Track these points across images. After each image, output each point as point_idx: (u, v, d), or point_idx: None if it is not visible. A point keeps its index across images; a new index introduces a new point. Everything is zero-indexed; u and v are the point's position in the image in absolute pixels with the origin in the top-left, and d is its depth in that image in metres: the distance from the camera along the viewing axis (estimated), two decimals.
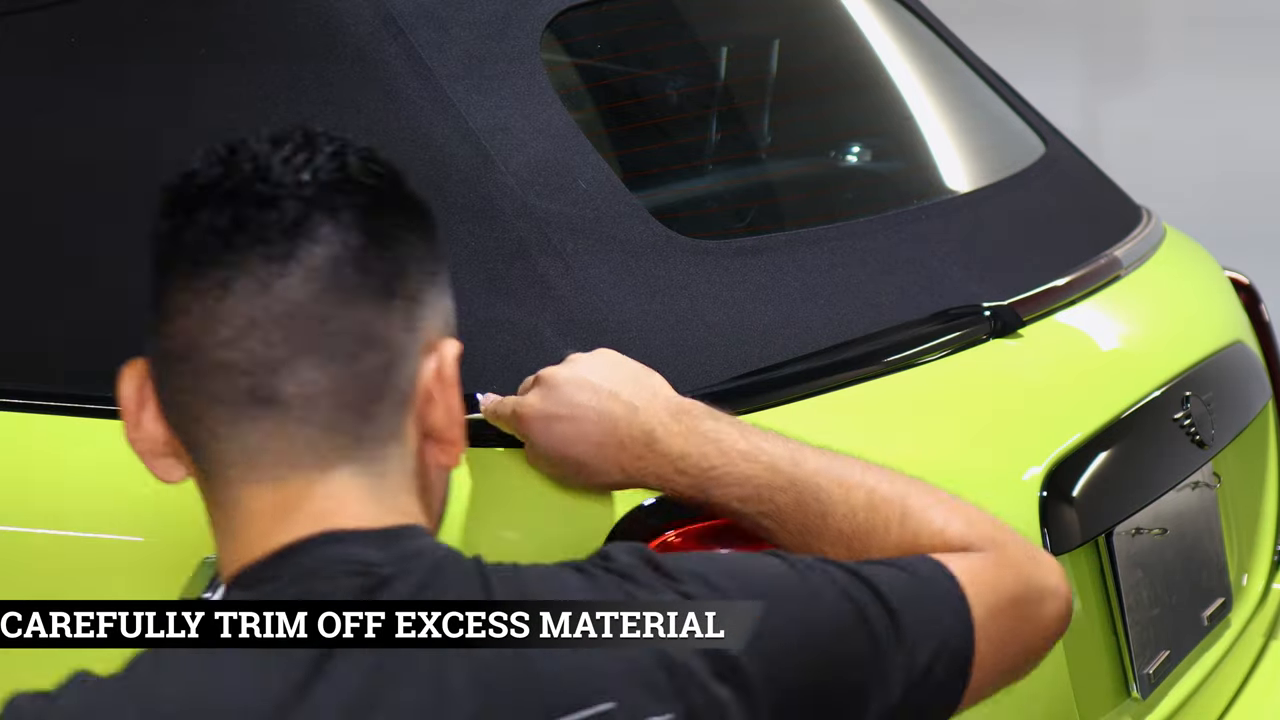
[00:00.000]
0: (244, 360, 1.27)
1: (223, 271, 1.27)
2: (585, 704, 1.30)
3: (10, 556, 1.78)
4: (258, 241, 1.27)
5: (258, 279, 1.27)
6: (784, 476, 1.54)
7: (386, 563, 1.33)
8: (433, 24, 1.83)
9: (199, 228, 1.28)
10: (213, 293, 1.27)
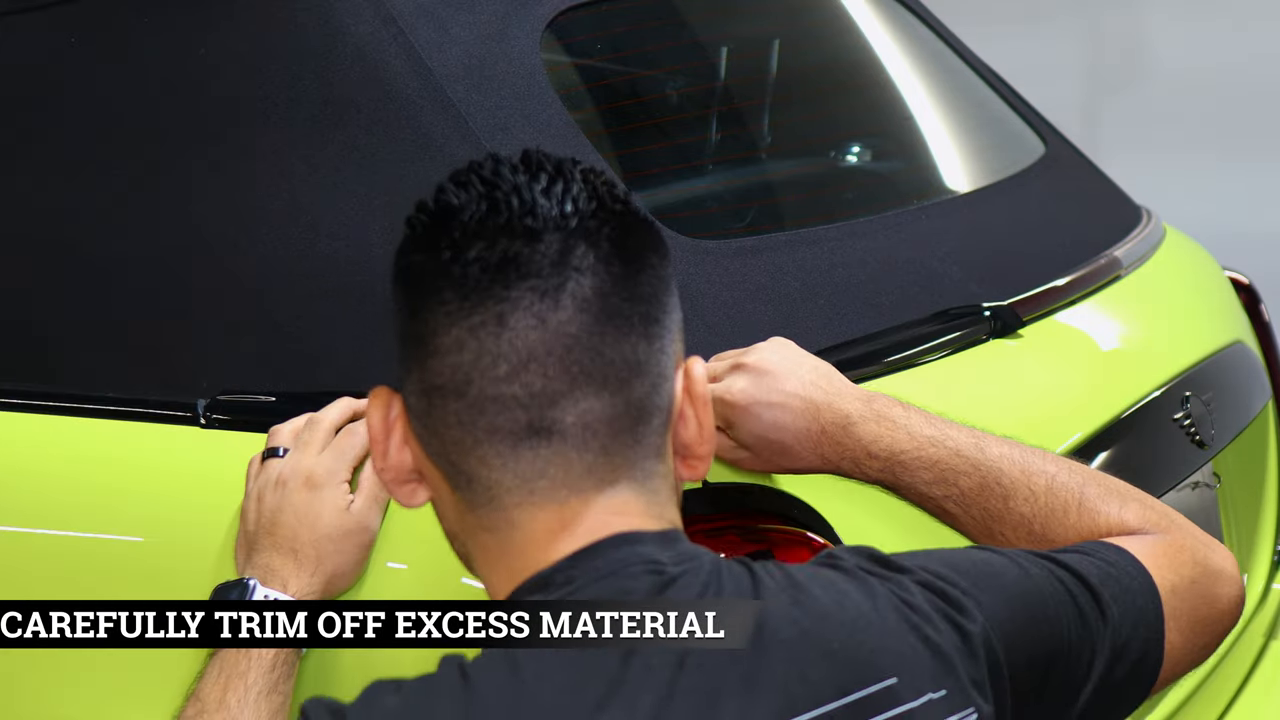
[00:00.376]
0: (522, 394, 1.29)
1: (496, 306, 1.28)
2: (872, 680, 1.32)
3: (10, 556, 1.78)
4: (530, 275, 1.29)
5: (533, 314, 1.28)
6: (968, 461, 1.59)
7: (672, 562, 1.34)
8: (433, 24, 1.83)
9: (468, 262, 1.29)
10: (488, 328, 1.28)
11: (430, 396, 1.31)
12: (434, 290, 1.30)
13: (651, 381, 1.32)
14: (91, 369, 1.83)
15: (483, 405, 1.29)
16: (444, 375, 1.30)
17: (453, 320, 1.29)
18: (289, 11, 1.82)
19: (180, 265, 1.81)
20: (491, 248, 1.29)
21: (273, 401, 1.72)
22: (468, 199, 1.31)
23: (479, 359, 1.29)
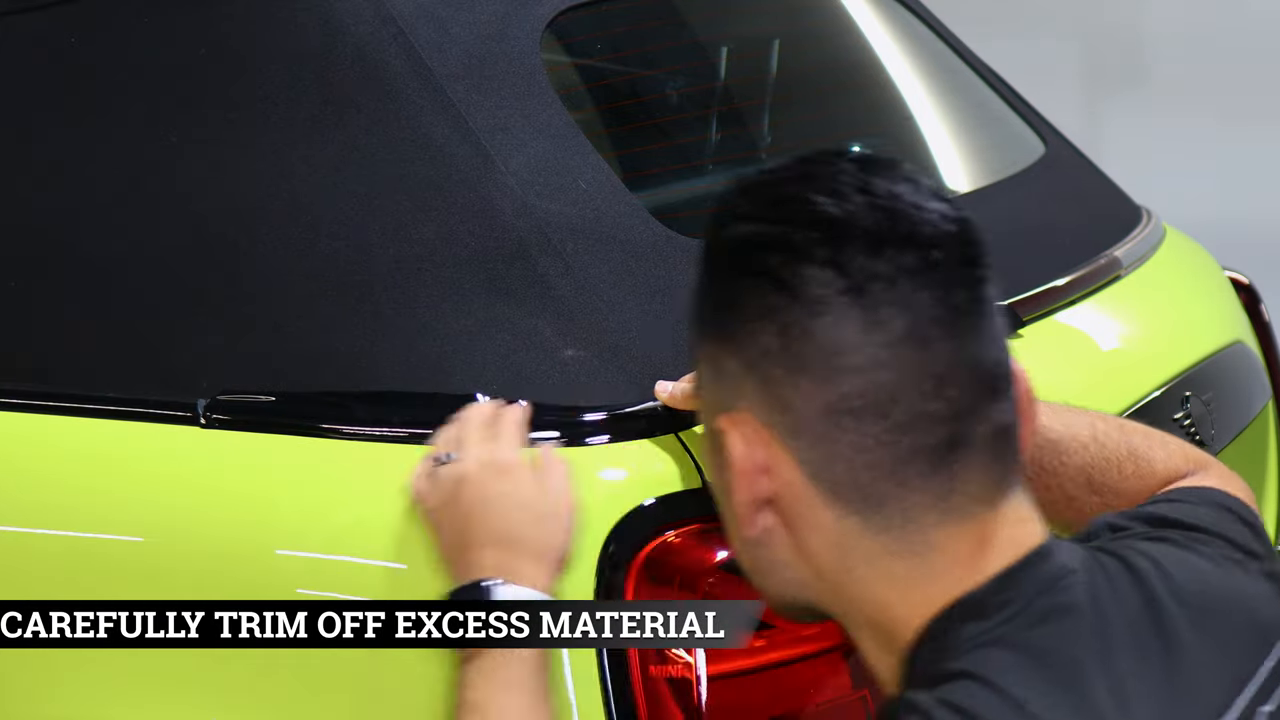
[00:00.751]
0: (945, 410, 1.26)
1: (910, 321, 1.25)
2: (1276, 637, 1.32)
3: (10, 556, 1.79)
4: (937, 287, 1.26)
5: (943, 325, 1.25)
6: None
7: (1080, 568, 1.31)
8: (433, 24, 1.83)
9: (876, 277, 1.25)
10: (908, 345, 1.25)
11: (839, 419, 1.26)
12: (833, 307, 1.25)
13: (1022, 385, 1.32)
14: (91, 369, 1.83)
15: (908, 425, 1.25)
16: (863, 396, 1.25)
17: (866, 338, 1.25)
18: (289, 11, 1.82)
19: (180, 265, 1.81)
20: (900, 257, 1.25)
21: (273, 401, 1.73)
22: (858, 211, 1.26)
23: (903, 376, 1.25)
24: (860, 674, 1.61)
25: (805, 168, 1.30)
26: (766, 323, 1.26)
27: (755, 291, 1.27)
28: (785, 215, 1.27)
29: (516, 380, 1.67)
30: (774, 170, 1.32)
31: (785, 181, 1.30)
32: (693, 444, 1.65)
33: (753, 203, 1.30)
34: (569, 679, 1.56)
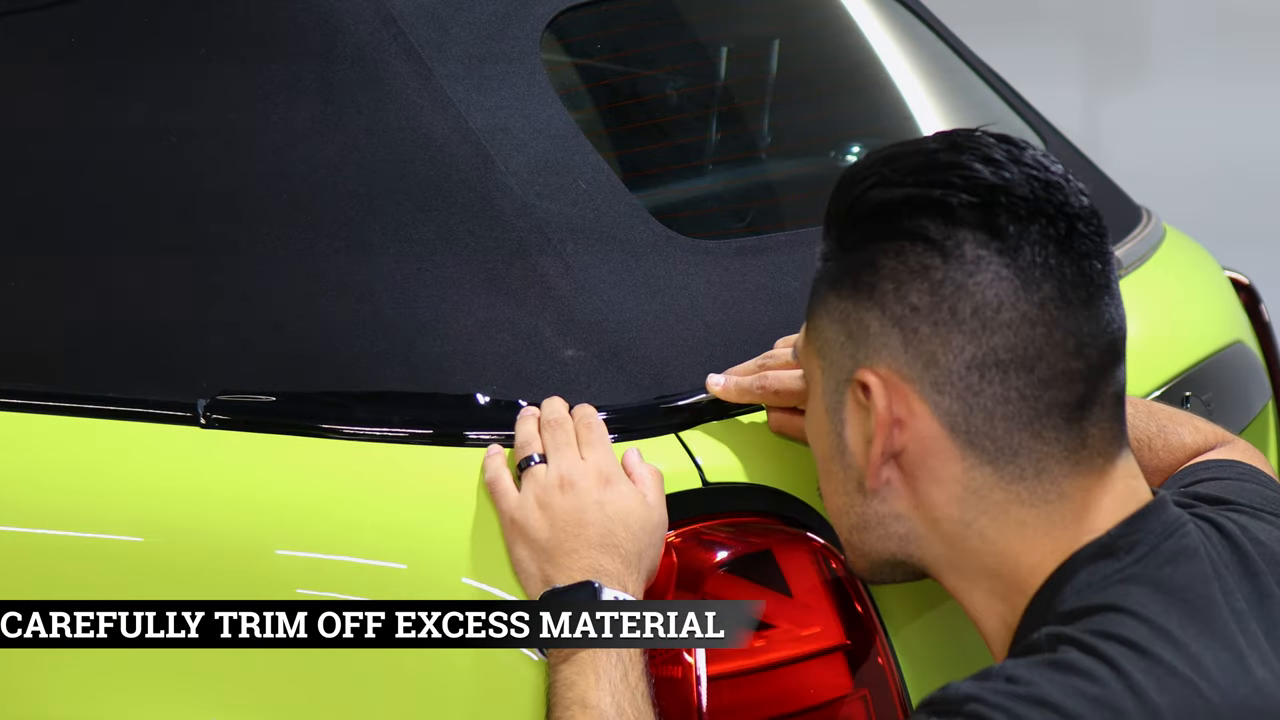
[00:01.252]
0: (1083, 368, 1.37)
1: (1060, 283, 1.35)
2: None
3: (10, 556, 1.78)
4: (1088, 255, 1.37)
5: (1088, 289, 1.37)
6: None
7: (1188, 520, 1.42)
8: (433, 24, 1.83)
9: (1033, 240, 1.35)
10: (1056, 304, 1.35)
11: (985, 372, 1.35)
12: (988, 267, 1.35)
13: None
14: (91, 369, 1.83)
15: (1050, 380, 1.35)
16: (1011, 350, 1.35)
17: (1018, 297, 1.35)
18: (289, 11, 1.82)
19: (180, 265, 1.81)
20: (1051, 225, 1.36)
21: (273, 401, 1.72)
22: (1017, 178, 1.36)
23: (1050, 334, 1.35)
24: (860, 674, 1.61)
25: (952, 138, 1.41)
26: (919, 280, 1.36)
27: (906, 252, 1.37)
28: (941, 180, 1.37)
29: (516, 380, 1.67)
30: (915, 142, 1.43)
31: (936, 151, 1.39)
32: (693, 444, 1.65)
33: (901, 170, 1.40)
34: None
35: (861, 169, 1.43)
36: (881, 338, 1.38)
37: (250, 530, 1.70)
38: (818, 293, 1.45)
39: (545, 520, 1.54)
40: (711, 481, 1.63)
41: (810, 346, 1.46)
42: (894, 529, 1.43)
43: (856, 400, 1.41)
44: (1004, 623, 1.40)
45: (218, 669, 1.66)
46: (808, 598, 1.60)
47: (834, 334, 1.42)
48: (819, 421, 1.47)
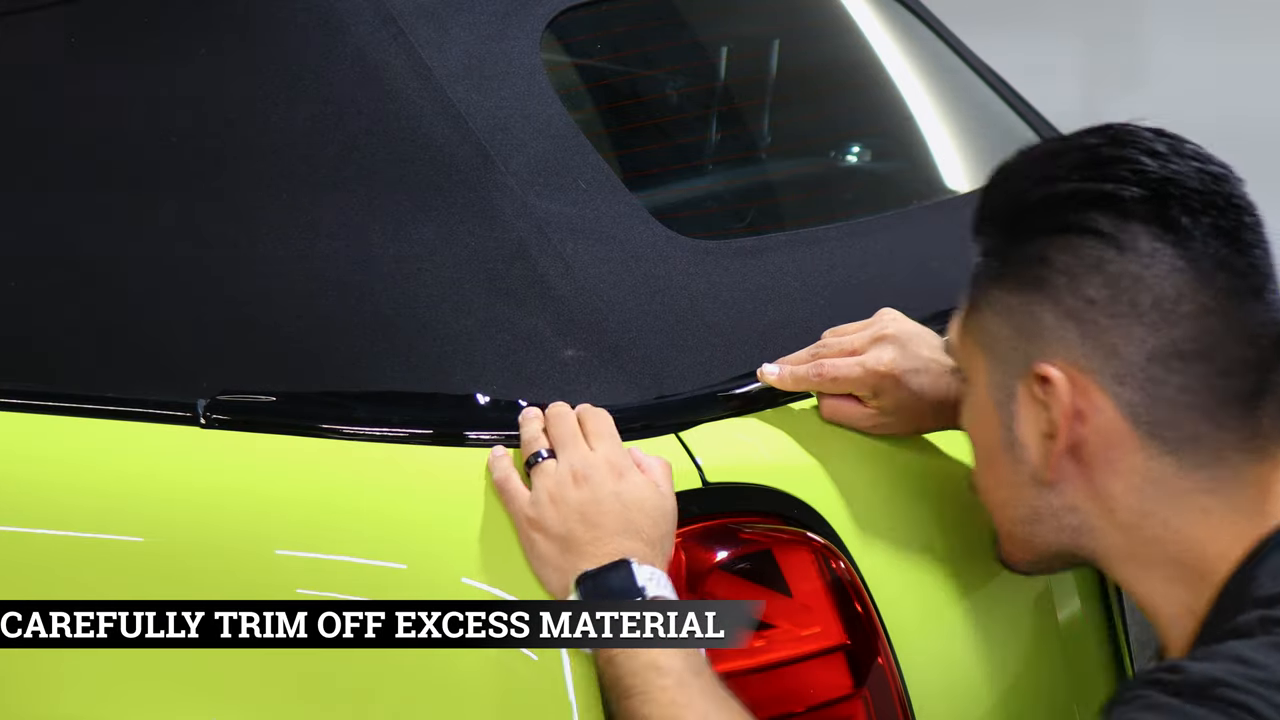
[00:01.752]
0: (1256, 357, 1.39)
1: (1234, 275, 1.39)
2: None
3: (11, 556, 1.78)
4: (1255, 246, 1.40)
5: (1251, 283, 1.40)
6: None
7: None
8: (433, 24, 1.83)
9: (1207, 232, 1.39)
10: (1233, 296, 1.39)
11: (1168, 362, 1.38)
12: (1164, 260, 1.38)
13: None
14: (91, 369, 1.83)
15: (1228, 370, 1.38)
16: (1193, 341, 1.38)
17: (1196, 289, 1.38)
18: (289, 11, 1.82)
19: (180, 265, 1.81)
20: (1222, 217, 1.39)
21: (273, 401, 1.72)
22: (1185, 170, 1.39)
23: (1227, 325, 1.38)
24: (860, 674, 1.61)
25: (1110, 132, 1.43)
26: (1094, 274, 1.39)
27: (1078, 246, 1.40)
28: (1110, 175, 1.39)
29: (516, 380, 1.67)
30: (1071, 138, 1.46)
31: (1098, 146, 1.42)
32: (693, 444, 1.65)
33: (1066, 167, 1.43)
34: (569, 679, 1.56)
35: (1021, 167, 1.48)
36: (1057, 331, 1.40)
37: (250, 530, 1.70)
38: (979, 288, 1.48)
39: (562, 515, 1.54)
40: (711, 481, 1.63)
41: (970, 341, 1.49)
42: (1067, 521, 1.45)
43: (1031, 394, 1.43)
44: (1188, 609, 1.42)
45: (218, 669, 1.66)
46: (808, 598, 1.60)
47: (1000, 329, 1.45)
48: (984, 414, 1.49)
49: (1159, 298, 1.38)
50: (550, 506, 1.54)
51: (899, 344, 1.67)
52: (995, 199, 1.49)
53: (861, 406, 1.68)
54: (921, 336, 1.68)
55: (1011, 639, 1.79)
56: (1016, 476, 1.47)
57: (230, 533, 1.70)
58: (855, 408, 1.68)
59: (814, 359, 1.69)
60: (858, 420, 1.69)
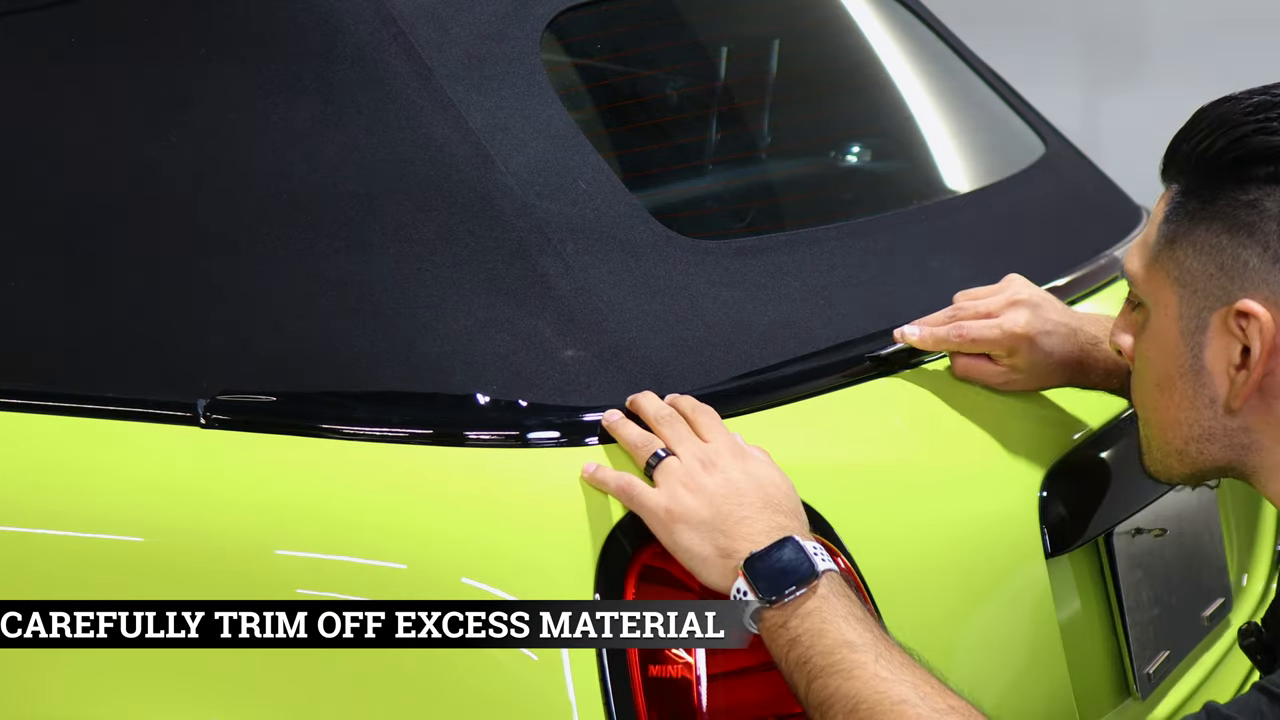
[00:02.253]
0: None
1: None
2: None
3: (11, 556, 1.78)
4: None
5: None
6: None
7: None
8: (433, 24, 1.83)
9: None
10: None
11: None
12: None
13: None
14: (91, 369, 1.83)
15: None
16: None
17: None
18: (289, 11, 1.82)
19: (180, 265, 1.81)
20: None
21: (273, 401, 1.72)
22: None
23: None
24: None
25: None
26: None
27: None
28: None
29: (516, 380, 1.67)
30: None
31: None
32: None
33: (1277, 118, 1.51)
34: (569, 679, 1.56)
35: (1237, 115, 1.53)
36: (1261, 272, 1.50)
37: (250, 530, 1.70)
38: (1177, 225, 1.56)
39: (702, 501, 1.55)
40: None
41: (1161, 274, 1.57)
42: (1239, 440, 1.56)
43: (1225, 326, 1.53)
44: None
45: (218, 669, 1.66)
46: None
47: (1201, 266, 1.54)
48: (1167, 342, 1.58)
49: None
50: (689, 496, 1.55)
51: (1032, 307, 1.82)
52: (1198, 143, 1.55)
53: (995, 365, 1.84)
54: (1050, 301, 1.85)
55: (1011, 639, 1.79)
56: (1196, 399, 1.56)
57: (230, 533, 1.70)
58: (989, 366, 1.84)
59: (952, 320, 1.83)
60: (991, 377, 1.84)
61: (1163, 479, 1.66)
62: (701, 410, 1.63)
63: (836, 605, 1.50)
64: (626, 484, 1.58)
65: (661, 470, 1.57)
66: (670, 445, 1.59)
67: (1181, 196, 1.56)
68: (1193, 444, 1.58)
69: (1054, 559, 1.82)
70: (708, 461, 1.57)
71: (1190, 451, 1.59)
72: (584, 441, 1.64)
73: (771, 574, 1.50)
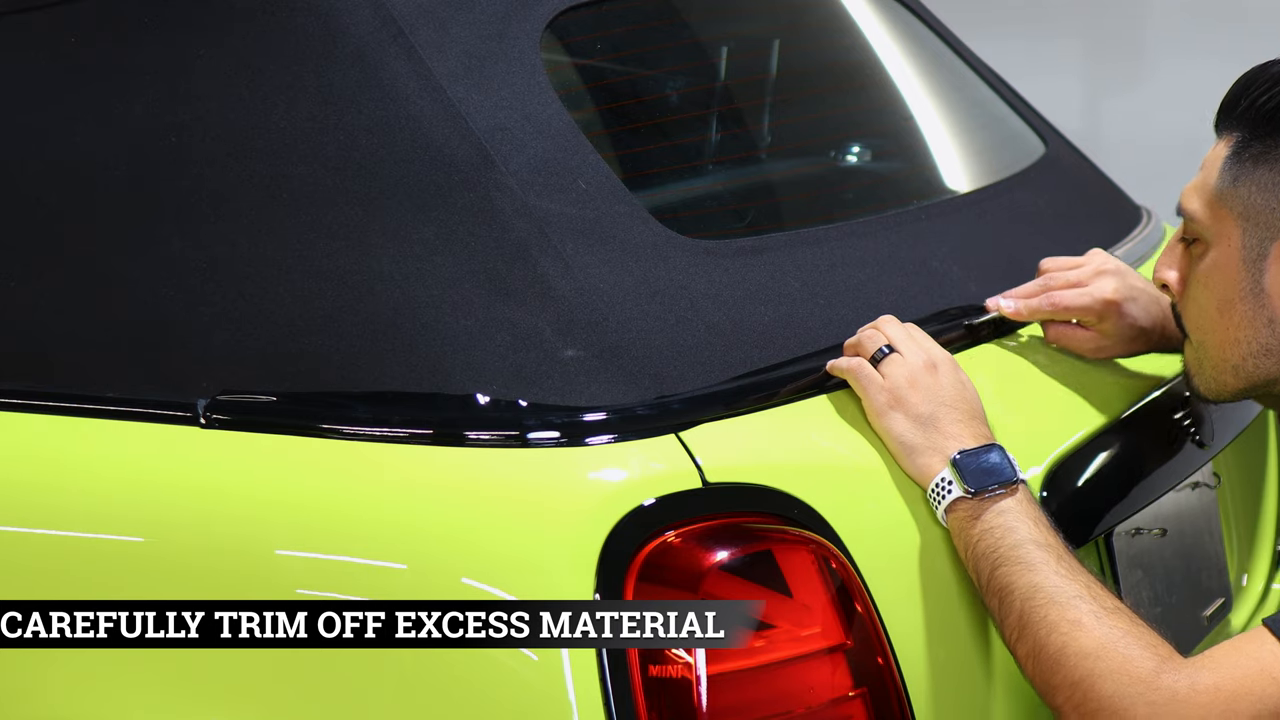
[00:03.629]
0: None
1: None
2: None
3: (11, 556, 1.79)
4: None
5: None
6: None
7: None
8: (433, 24, 1.83)
9: None
10: None
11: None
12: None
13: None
14: (92, 369, 1.83)
15: None
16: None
17: None
18: (289, 11, 1.82)
19: (180, 265, 1.81)
20: None
21: (273, 401, 1.73)
22: None
23: None
24: (860, 674, 1.61)
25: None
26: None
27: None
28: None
29: (516, 380, 1.67)
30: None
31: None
32: (693, 444, 1.65)
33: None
34: (569, 679, 1.56)
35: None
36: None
37: (250, 530, 1.70)
38: (1239, 168, 1.75)
39: (921, 397, 1.73)
40: (711, 481, 1.63)
41: (1224, 211, 1.76)
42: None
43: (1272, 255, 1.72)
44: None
45: (218, 669, 1.66)
46: (808, 598, 1.61)
47: (1265, 201, 1.73)
48: (1229, 269, 1.76)
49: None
50: (910, 389, 1.73)
51: (1118, 275, 1.95)
52: (1260, 98, 1.74)
53: (1086, 331, 1.95)
54: (1131, 270, 1.98)
55: None
56: (1256, 319, 1.75)
57: (230, 533, 1.70)
58: (1081, 332, 1.96)
59: (1044, 291, 1.94)
60: (1083, 343, 1.96)
61: (1212, 397, 1.84)
62: (915, 328, 1.80)
63: (1028, 508, 1.69)
64: (857, 364, 1.75)
65: (889, 362, 1.75)
66: (895, 344, 1.76)
67: (1241, 145, 1.75)
68: (1250, 359, 1.77)
69: None
70: (930, 364, 1.75)
71: (1247, 366, 1.77)
72: (584, 441, 1.65)
73: (978, 470, 1.69)
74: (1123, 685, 1.59)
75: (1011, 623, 1.64)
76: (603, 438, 1.65)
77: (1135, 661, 1.59)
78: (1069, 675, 1.60)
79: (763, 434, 1.71)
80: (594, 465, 1.64)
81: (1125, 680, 1.59)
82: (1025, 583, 1.64)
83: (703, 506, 1.62)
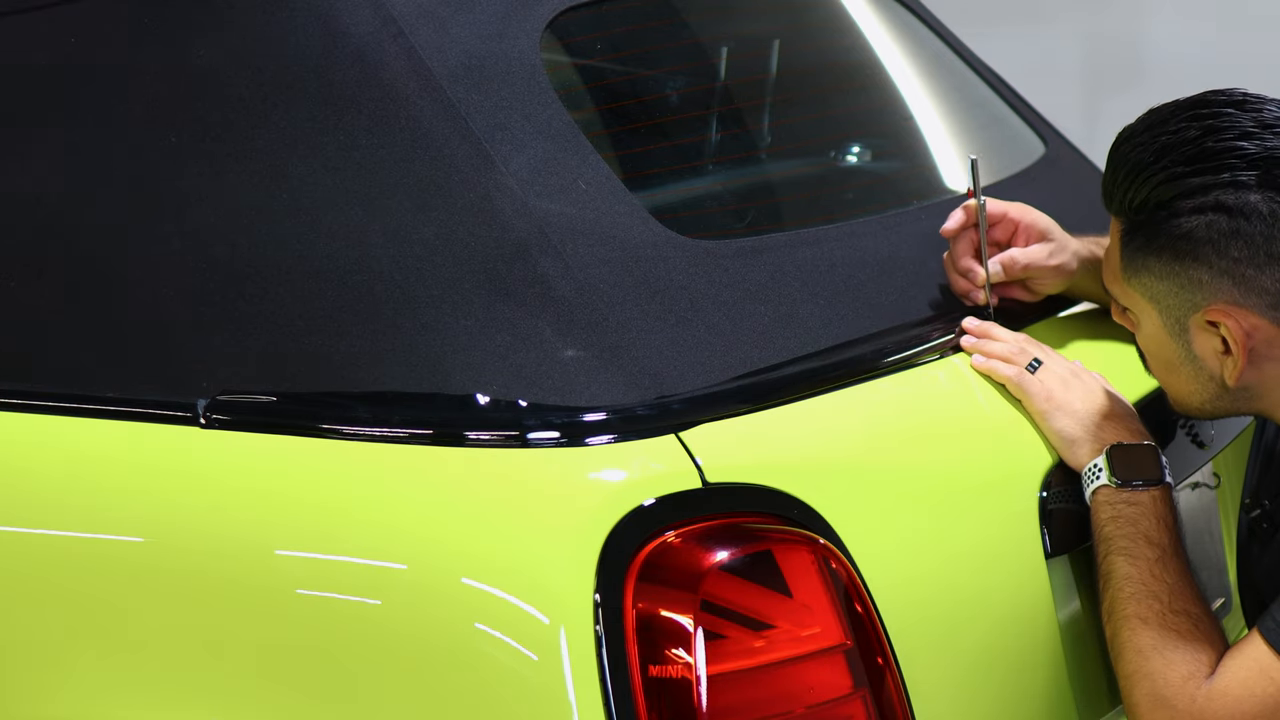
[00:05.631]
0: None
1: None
2: None
3: (11, 556, 1.79)
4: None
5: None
6: None
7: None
8: (433, 24, 1.83)
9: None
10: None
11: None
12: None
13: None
14: (92, 369, 1.83)
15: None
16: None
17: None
18: (289, 11, 1.82)
19: (180, 265, 1.81)
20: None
21: (273, 401, 1.73)
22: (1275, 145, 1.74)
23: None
24: (860, 674, 1.61)
25: (1206, 122, 1.77)
26: (1233, 241, 1.73)
27: (1215, 223, 1.73)
28: (1223, 165, 1.73)
29: (516, 380, 1.67)
30: (1173, 126, 1.79)
31: (1201, 138, 1.76)
32: (693, 444, 1.65)
33: (1180, 160, 1.75)
34: (569, 679, 1.56)
35: (1145, 166, 1.77)
36: (1213, 284, 1.75)
37: (250, 530, 1.70)
38: (1134, 258, 1.80)
39: (1077, 396, 1.88)
40: (711, 481, 1.64)
41: (1136, 294, 1.82)
42: (1245, 395, 1.81)
43: (1202, 326, 1.78)
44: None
45: (218, 669, 1.67)
46: (808, 598, 1.61)
47: (1165, 288, 1.78)
48: (1160, 340, 1.83)
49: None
50: (1066, 392, 1.88)
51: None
52: (1124, 192, 1.79)
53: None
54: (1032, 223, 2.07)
55: (1011, 639, 1.79)
56: (1199, 377, 1.81)
57: (230, 533, 1.70)
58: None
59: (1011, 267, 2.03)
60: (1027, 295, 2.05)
61: (1193, 417, 1.95)
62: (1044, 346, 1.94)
63: (1159, 508, 1.81)
64: (1017, 373, 1.88)
65: (1044, 369, 1.89)
66: (1040, 357, 1.90)
67: (1128, 235, 1.80)
68: (1207, 404, 1.84)
69: (1054, 559, 1.83)
70: (1074, 373, 1.89)
71: (1206, 409, 1.85)
72: (584, 441, 1.65)
73: (1130, 464, 1.83)
74: (1157, 687, 1.74)
75: (1105, 606, 1.79)
76: (603, 438, 1.65)
77: (1175, 666, 1.74)
78: (1124, 668, 1.77)
79: (762, 434, 1.71)
80: (594, 465, 1.64)
81: (1160, 683, 1.74)
82: (1123, 572, 1.79)
83: (703, 507, 1.62)
